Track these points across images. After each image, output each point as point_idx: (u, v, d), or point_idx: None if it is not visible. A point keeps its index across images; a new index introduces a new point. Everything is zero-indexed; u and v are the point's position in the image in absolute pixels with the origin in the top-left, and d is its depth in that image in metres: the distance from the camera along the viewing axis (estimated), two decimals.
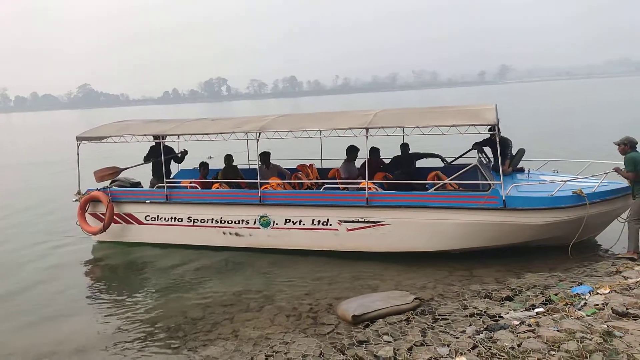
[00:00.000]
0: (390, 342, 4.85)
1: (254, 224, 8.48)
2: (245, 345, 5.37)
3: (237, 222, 8.57)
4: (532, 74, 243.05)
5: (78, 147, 9.60)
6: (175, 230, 8.96)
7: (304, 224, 8.24)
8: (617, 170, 7.28)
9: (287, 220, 8.30)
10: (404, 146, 9.54)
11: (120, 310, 6.78)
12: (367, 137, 7.99)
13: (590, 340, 4.22)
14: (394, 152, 9.63)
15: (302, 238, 8.29)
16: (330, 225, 8.10)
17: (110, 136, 9.59)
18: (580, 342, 4.17)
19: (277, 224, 8.37)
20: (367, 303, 5.90)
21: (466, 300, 5.97)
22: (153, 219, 9.07)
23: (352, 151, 9.29)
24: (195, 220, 8.81)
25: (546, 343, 4.27)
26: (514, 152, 9.09)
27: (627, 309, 4.83)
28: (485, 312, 5.45)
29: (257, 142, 8.66)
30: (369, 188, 7.97)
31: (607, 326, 4.47)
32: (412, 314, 5.63)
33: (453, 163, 9.81)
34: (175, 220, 8.93)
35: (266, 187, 8.64)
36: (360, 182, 8.32)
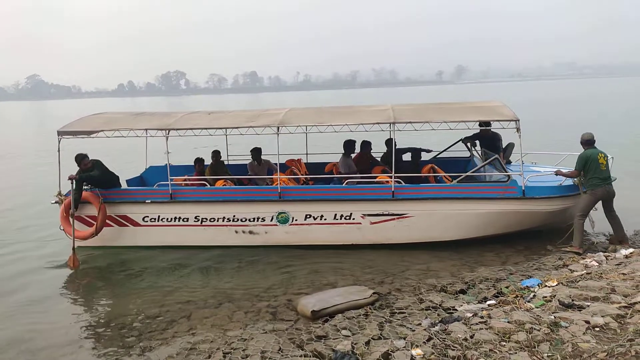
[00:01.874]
0: (349, 336, 4.90)
1: (271, 220, 8.21)
2: (202, 343, 5.29)
3: (252, 219, 8.25)
4: (487, 75, 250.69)
5: (59, 142, 8.56)
6: (179, 231, 8.41)
7: (325, 219, 8.14)
8: (558, 173, 7.79)
9: (308, 216, 8.16)
10: (389, 141, 9.60)
11: (79, 311, 6.57)
12: (393, 131, 8.20)
13: (539, 330, 4.40)
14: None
15: (322, 233, 8.19)
16: (353, 219, 8.08)
17: (101, 130, 8.75)
18: (529, 333, 4.35)
19: (296, 220, 8.18)
20: (326, 298, 5.94)
21: (422, 294, 6.11)
22: (153, 219, 8.41)
23: (350, 145, 9.33)
24: (204, 220, 8.32)
25: (497, 334, 4.43)
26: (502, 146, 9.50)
27: (572, 300, 5.07)
28: (440, 305, 5.60)
29: (278, 136, 8.19)
30: (388, 182, 8.11)
31: (554, 317, 4.68)
32: (370, 308, 5.70)
33: (439, 156, 10.25)
34: (179, 221, 8.36)
35: (275, 183, 8.45)
36: (378, 176, 8.48)
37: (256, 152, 9.49)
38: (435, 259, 7.67)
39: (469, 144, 10.01)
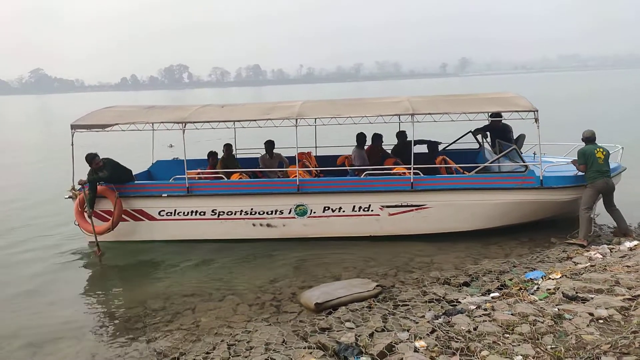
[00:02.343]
0: (352, 328, 4.92)
1: (289, 213, 8.20)
2: (206, 335, 5.32)
3: (269, 212, 8.22)
4: (491, 68, 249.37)
5: (72, 136, 8.35)
6: (195, 225, 8.34)
7: (343, 211, 8.15)
8: (573, 163, 7.82)
9: (326, 208, 8.17)
10: (402, 134, 9.72)
11: (84, 303, 6.62)
12: (412, 122, 8.11)
13: (542, 323, 4.41)
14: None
15: (340, 225, 8.21)
16: (372, 211, 8.11)
17: (116, 123, 8.62)
18: (533, 325, 4.35)
19: (314, 212, 8.18)
20: (330, 291, 5.96)
21: (426, 286, 6.12)
22: (169, 214, 8.31)
23: (362, 138, 9.36)
24: (221, 213, 8.26)
25: (501, 326, 4.43)
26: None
27: (576, 292, 5.07)
28: (443, 297, 5.60)
29: (297, 128, 8.15)
30: (405, 173, 8.22)
31: (558, 309, 4.68)
32: (373, 300, 5.72)
33: (448, 148, 10.32)
34: (196, 215, 8.29)
35: (293, 176, 8.48)
36: (394, 168, 8.55)
37: (269, 144, 9.46)
38: (439, 252, 7.67)
39: (479, 136, 10.08)
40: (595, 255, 6.52)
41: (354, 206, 8.11)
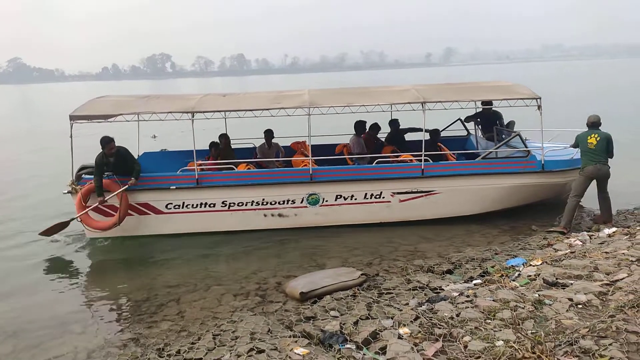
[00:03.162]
0: (337, 317, 4.95)
1: (301, 202, 8.20)
2: (191, 325, 5.31)
3: (281, 202, 8.19)
4: (475, 58, 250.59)
5: (71, 127, 7.98)
6: (205, 217, 8.17)
7: (355, 199, 8.24)
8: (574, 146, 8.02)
9: (338, 197, 8.23)
10: (394, 122, 9.84)
11: (67, 297, 6.53)
12: (424, 110, 8.24)
13: (523, 308, 4.49)
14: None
15: (352, 213, 8.30)
16: (383, 197, 8.24)
17: (120, 114, 8.23)
18: (514, 311, 4.43)
19: (326, 201, 8.22)
20: (315, 280, 5.98)
21: (410, 274, 6.18)
22: (177, 206, 8.09)
23: (361, 126, 9.42)
24: (232, 204, 8.13)
25: (482, 312, 4.50)
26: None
27: (556, 278, 5.17)
28: (427, 285, 5.67)
29: (309, 117, 8.11)
30: (412, 160, 8.49)
31: (538, 295, 4.77)
32: (358, 289, 5.76)
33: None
34: (205, 207, 8.12)
35: (300, 165, 8.52)
36: (401, 155, 8.76)
37: (268, 133, 9.35)
38: (422, 240, 7.75)
39: (471, 123, 10.34)
40: (575, 242, 6.65)
41: (366, 194, 8.23)
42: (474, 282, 5.57)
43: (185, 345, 4.64)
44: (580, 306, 4.46)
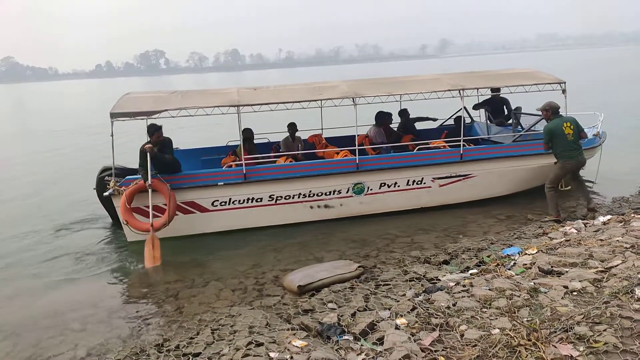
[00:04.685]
0: (335, 309, 4.98)
1: (347, 192, 8.29)
2: (190, 320, 5.34)
3: (327, 193, 8.25)
4: (470, 49, 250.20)
5: (112, 125, 7.60)
6: (251, 213, 8.08)
7: (398, 186, 8.44)
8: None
9: (382, 184, 8.39)
10: (404, 112, 10.08)
11: (63, 295, 6.52)
12: (462, 97, 8.72)
13: (519, 296, 4.52)
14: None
15: (395, 200, 8.50)
16: (424, 183, 8.52)
17: (165, 110, 7.80)
18: (510, 299, 4.46)
19: (371, 189, 8.36)
20: (312, 273, 6.01)
21: (406, 266, 6.21)
22: (223, 203, 7.94)
23: (383, 116, 9.58)
24: (279, 198, 8.10)
25: (479, 301, 4.53)
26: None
27: (551, 267, 5.20)
28: (424, 276, 5.70)
29: (355, 107, 8.20)
30: (444, 146, 8.84)
31: (534, 283, 4.80)
32: (355, 281, 5.79)
33: (445, 124, 10.88)
34: (252, 202, 8.05)
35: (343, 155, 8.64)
36: (431, 142, 9.04)
37: (292, 127, 9.32)
38: (419, 232, 7.79)
39: (476, 110, 10.70)
40: (570, 231, 6.68)
41: (408, 180, 8.45)
42: (470, 271, 5.60)
43: (184, 340, 4.67)
44: (575, 293, 4.49)
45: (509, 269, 5.39)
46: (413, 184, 8.48)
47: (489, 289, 4.78)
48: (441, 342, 3.89)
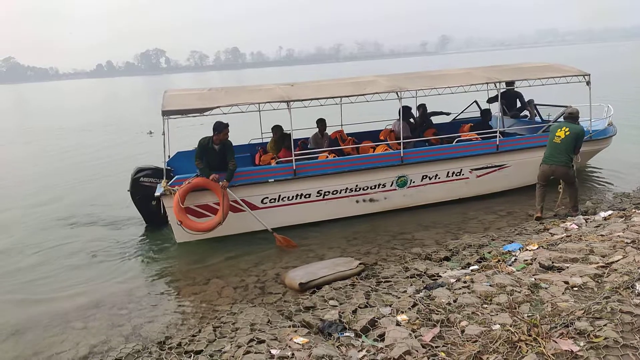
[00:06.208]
0: (336, 306, 4.99)
1: (391, 185, 8.39)
2: (192, 318, 5.35)
3: (373, 187, 8.32)
4: (470, 45, 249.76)
5: (164, 123, 7.37)
6: (299, 209, 8.03)
7: (439, 178, 8.62)
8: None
9: (424, 177, 8.54)
10: (422, 106, 10.33)
11: (65, 293, 6.53)
12: (498, 90, 9.15)
13: (519, 292, 4.52)
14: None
15: (435, 192, 8.68)
16: (463, 174, 8.73)
17: (217, 106, 7.67)
18: (510, 295, 4.47)
19: (413, 182, 8.51)
20: (314, 271, 6.02)
21: (407, 262, 6.22)
22: (273, 200, 7.89)
23: (408, 110, 9.76)
24: (327, 193, 8.12)
25: (479, 297, 4.54)
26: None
27: (552, 262, 5.20)
28: (425, 272, 5.71)
29: (400, 100, 8.47)
30: (477, 138, 9.07)
31: (535, 279, 4.80)
32: (356, 278, 5.80)
33: (457, 118, 11.18)
34: (301, 198, 8.00)
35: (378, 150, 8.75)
36: (462, 135, 9.25)
37: (321, 123, 9.31)
38: (420, 228, 7.80)
39: (496, 103, 10.71)
40: (571, 226, 6.69)
41: (448, 172, 8.64)
42: (471, 268, 5.61)
43: (186, 338, 4.68)
44: (575, 289, 4.49)
45: (510, 265, 5.40)
46: (452, 176, 8.68)
47: (490, 285, 4.78)
48: (442, 338, 3.89)
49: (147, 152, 15.16)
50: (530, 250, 5.79)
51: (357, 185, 8.24)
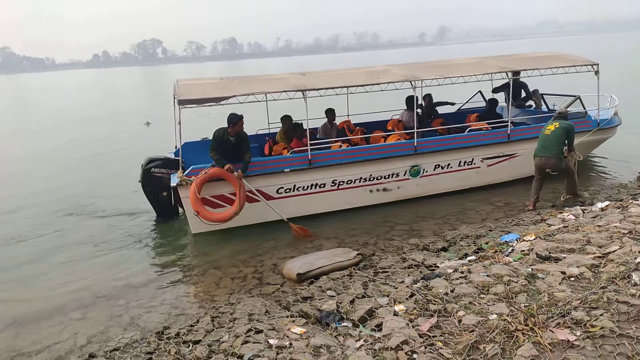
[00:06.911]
0: (334, 296, 5.00)
1: (404, 175, 8.42)
2: (190, 308, 5.37)
3: (386, 176, 8.34)
4: (469, 35, 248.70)
5: (180, 112, 7.30)
6: (314, 199, 8.00)
7: (451, 167, 8.68)
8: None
9: (437, 166, 8.59)
10: (428, 96, 10.22)
11: (61, 282, 6.54)
12: (511, 79, 9.02)
13: (516, 282, 4.54)
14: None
15: (447, 181, 8.73)
16: (474, 164, 8.78)
17: (233, 96, 7.55)
18: (507, 285, 4.48)
19: (426, 171, 8.53)
20: (311, 261, 6.03)
21: (405, 253, 6.24)
22: (288, 190, 7.85)
23: (412, 100, 9.52)
24: (341, 183, 8.11)
25: (477, 287, 4.56)
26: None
27: (549, 253, 5.22)
28: (422, 263, 5.73)
29: (414, 90, 8.47)
30: (487, 128, 9.12)
31: (532, 269, 4.82)
32: (354, 269, 5.81)
33: (462, 108, 11.18)
34: (316, 188, 7.99)
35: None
36: (471, 125, 9.23)
37: (330, 112, 9.26)
38: (418, 219, 7.81)
39: (500, 93, 10.84)
40: (568, 217, 6.70)
41: (460, 161, 8.69)
42: (469, 258, 5.63)
43: (184, 328, 4.70)
44: (572, 279, 4.51)
45: (507, 255, 5.41)
46: (464, 165, 8.72)
47: (487, 275, 4.80)
48: (439, 327, 3.91)
49: (147, 142, 15.13)
50: (527, 241, 5.81)
51: (371, 175, 8.25)
